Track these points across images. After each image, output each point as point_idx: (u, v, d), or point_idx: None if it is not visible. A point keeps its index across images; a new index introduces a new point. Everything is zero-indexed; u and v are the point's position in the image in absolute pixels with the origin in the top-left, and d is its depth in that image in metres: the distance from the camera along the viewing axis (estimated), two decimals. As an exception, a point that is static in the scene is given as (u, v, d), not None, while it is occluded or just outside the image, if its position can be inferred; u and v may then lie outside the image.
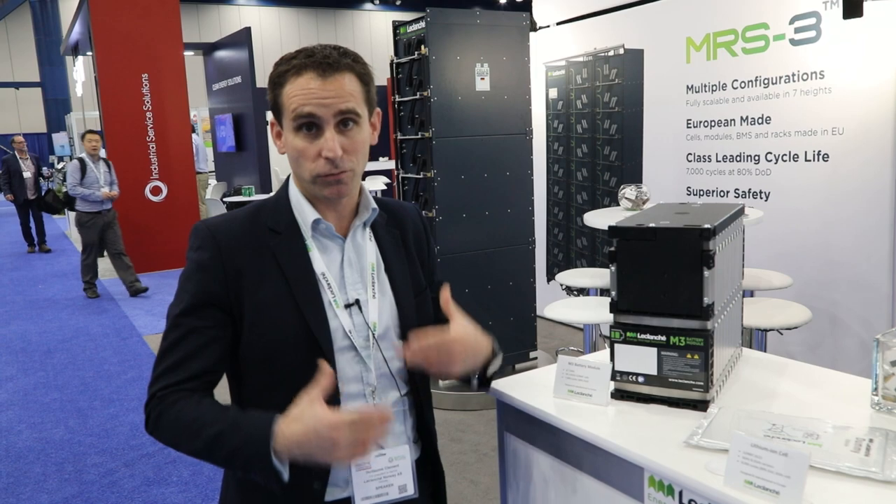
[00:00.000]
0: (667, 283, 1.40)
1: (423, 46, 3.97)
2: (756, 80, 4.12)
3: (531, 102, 4.35)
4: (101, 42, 8.75)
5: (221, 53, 10.80)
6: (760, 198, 4.17)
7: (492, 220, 4.25)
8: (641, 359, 1.43)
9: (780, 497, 1.05)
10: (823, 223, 3.86)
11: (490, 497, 3.12)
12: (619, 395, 1.48)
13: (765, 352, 2.45)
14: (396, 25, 4.28)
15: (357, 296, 1.28)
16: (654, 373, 1.43)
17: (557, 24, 5.58)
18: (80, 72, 14.79)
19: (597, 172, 5.33)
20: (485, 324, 1.31)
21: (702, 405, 1.40)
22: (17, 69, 26.48)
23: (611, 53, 5.05)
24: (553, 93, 5.65)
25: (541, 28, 5.71)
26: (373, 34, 28.39)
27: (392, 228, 1.37)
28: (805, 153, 3.92)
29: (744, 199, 4.24)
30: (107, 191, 7.35)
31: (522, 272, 4.40)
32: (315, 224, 1.27)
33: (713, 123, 4.41)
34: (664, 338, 1.41)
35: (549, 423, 1.43)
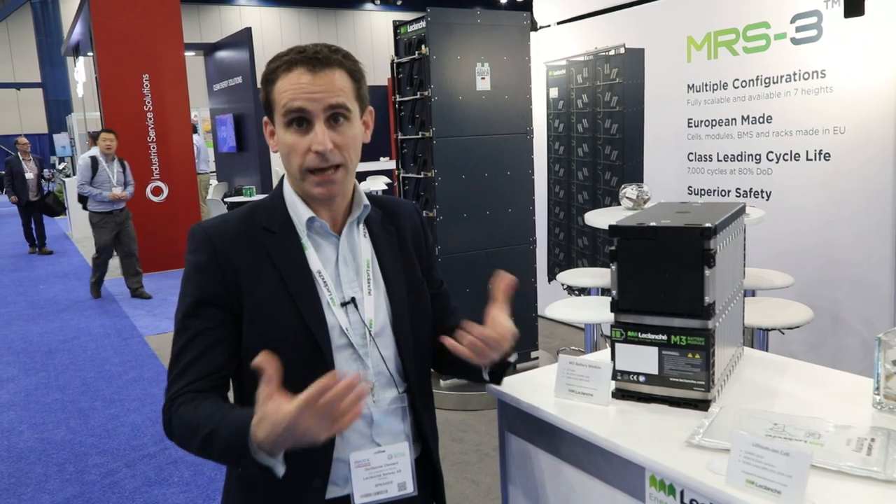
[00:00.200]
0: (668, 283, 1.39)
1: (424, 46, 3.96)
2: (757, 80, 4.12)
3: (532, 102, 4.35)
4: (102, 42, 8.75)
5: (222, 54, 10.81)
6: (762, 197, 4.16)
7: (493, 220, 4.25)
8: (642, 358, 1.43)
9: (782, 496, 1.05)
10: (825, 222, 3.86)
11: (491, 497, 3.12)
12: (620, 395, 1.47)
13: (766, 351, 2.44)
14: (397, 25, 4.28)
15: (353, 293, 1.29)
16: (655, 372, 1.42)
17: (558, 24, 5.57)
18: (81, 72, 14.81)
19: (598, 172, 5.32)
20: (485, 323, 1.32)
21: (703, 405, 1.39)
22: (19, 70, 26.52)
23: (611, 53, 5.05)
24: (554, 92, 5.65)
25: (541, 27, 5.71)
26: (373, 34, 28.41)
27: (387, 225, 1.38)
28: (806, 152, 3.91)
29: (745, 199, 4.23)
30: (116, 191, 7.11)
31: (523, 272, 4.40)
32: (310, 222, 1.28)
33: (714, 123, 4.40)
34: (665, 337, 1.40)
35: (550, 423, 1.43)
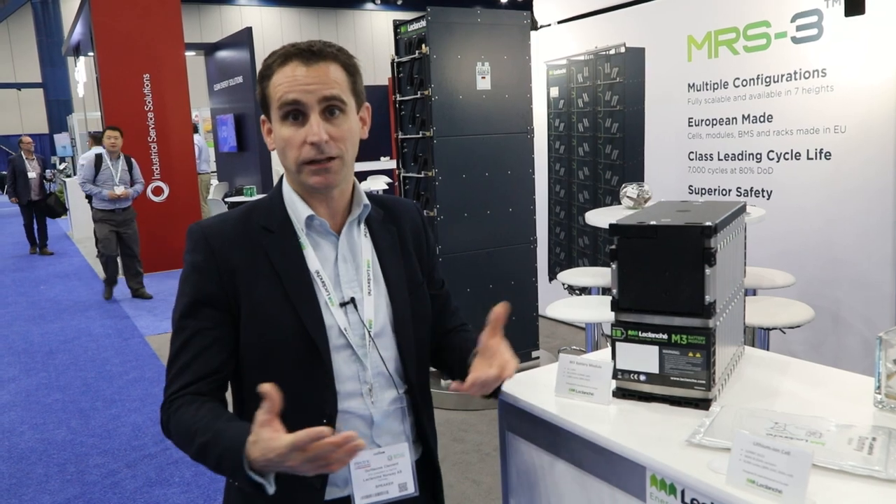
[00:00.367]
0: (668, 281, 1.39)
1: (424, 45, 3.96)
2: (758, 79, 4.11)
3: (532, 101, 4.35)
4: (103, 42, 8.76)
5: (223, 53, 10.80)
6: (762, 196, 4.16)
7: (493, 220, 4.24)
8: (643, 357, 1.43)
9: (783, 496, 1.05)
10: (826, 221, 3.85)
11: (492, 497, 3.12)
12: (621, 394, 1.47)
13: (767, 350, 2.44)
14: (397, 24, 4.28)
15: (352, 293, 1.28)
16: (656, 371, 1.42)
17: (558, 23, 5.57)
18: (82, 72, 14.83)
19: (598, 171, 5.32)
20: (486, 323, 1.30)
21: (704, 404, 1.39)
22: (19, 70, 26.55)
23: (612, 52, 5.05)
24: (554, 91, 5.65)
25: (542, 27, 5.71)
26: (374, 34, 28.42)
27: (389, 225, 1.37)
28: (807, 151, 3.91)
29: (746, 198, 4.23)
30: (117, 190, 6.96)
31: (524, 271, 4.40)
32: (309, 221, 1.27)
33: (715, 122, 4.40)
34: (666, 336, 1.40)
35: (551, 423, 1.43)
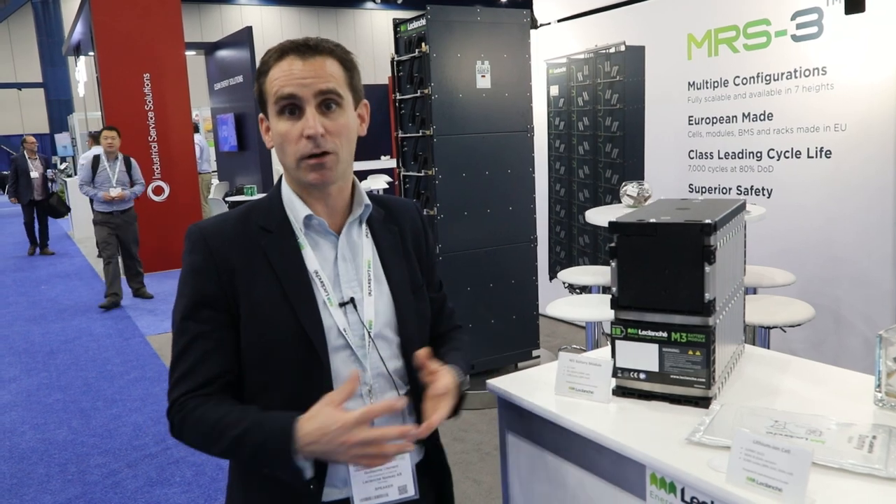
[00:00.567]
0: (668, 279, 1.39)
1: (424, 44, 3.96)
2: (758, 77, 4.11)
3: (532, 100, 4.34)
4: (103, 42, 8.76)
5: (223, 53, 10.80)
6: (763, 194, 4.16)
7: (493, 218, 4.24)
8: (643, 355, 1.43)
9: (783, 494, 1.05)
10: (826, 220, 3.85)
11: (493, 496, 3.12)
12: (621, 392, 1.47)
13: (768, 349, 2.44)
14: (397, 23, 4.27)
15: (352, 294, 1.27)
16: (656, 369, 1.42)
17: (558, 22, 5.57)
18: (83, 72, 14.84)
19: (598, 170, 5.32)
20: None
21: (704, 402, 1.39)
22: (20, 70, 26.54)
23: (612, 50, 5.04)
24: (554, 90, 5.64)
25: (541, 25, 5.70)
26: (374, 33, 28.40)
27: (390, 225, 1.36)
28: (807, 150, 3.90)
29: (746, 196, 4.23)
30: (113, 192, 6.80)
31: (524, 270, 4.39)
32: (307, 220, 1.26)
33: (715, 120, 4.39)
34: (665, 334, 1.40)
35: (551, 421, 1.43)
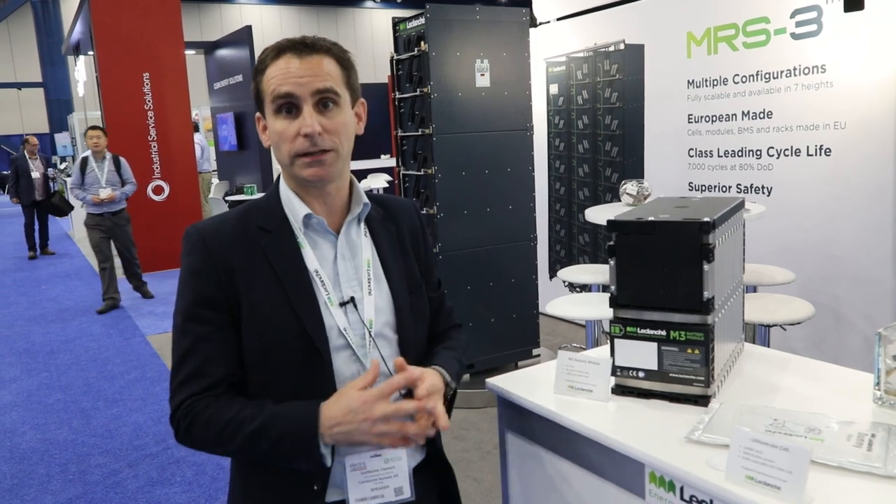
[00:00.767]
0: (666, 278, 1.39)
1: (423, 43, 3.96)
2: (757, 75, 4.11)
3: (532, 98, 4.33)
4: (103, 42, 8.76)
5: (223, 52, 10.80)
6: (762, 193, 4.15)
7: (493, 217, 4.24)
8: (642, 354, 1.43)
9: (782, 492, 1.05)
10: (826, 218, 3.85)
11: (493, 495, 3.12)
12: (620, 391, 1.47)
13: (768, 347, 2.44)
14: (396, 22, 4.27)
15: (352, 293, 1.26)
16: (655, 368, 1.42)
17: (557, 20, 5.56)
18: (82, 72, 14.82)
19: (598, 168, 5.32)
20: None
21: (703, 400, 1.39)
22: (20, 69, 26.54)
23: (611, 49, 5.04)
24: (554, 89, 5.64)
25: (541, 24, 5.70)
26: (374, 32, 28.40)
27: (388, 224, 1.36)
28: (807, 148, 3.90)
29: (746, 194, 4.22)
30: (102, 194, 6.62)
31: (524, 269, 4.39)
32: (306, 220, 1.26)
33: (714, 118, 4.39)
34: (664, 332, 1.40)
35: (550, 420, 1.43)
